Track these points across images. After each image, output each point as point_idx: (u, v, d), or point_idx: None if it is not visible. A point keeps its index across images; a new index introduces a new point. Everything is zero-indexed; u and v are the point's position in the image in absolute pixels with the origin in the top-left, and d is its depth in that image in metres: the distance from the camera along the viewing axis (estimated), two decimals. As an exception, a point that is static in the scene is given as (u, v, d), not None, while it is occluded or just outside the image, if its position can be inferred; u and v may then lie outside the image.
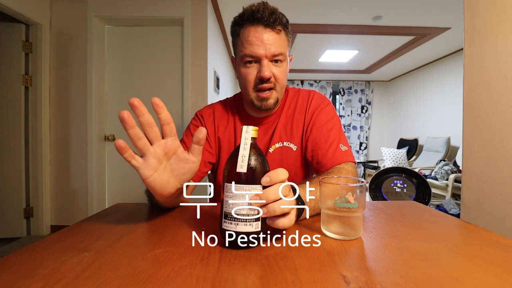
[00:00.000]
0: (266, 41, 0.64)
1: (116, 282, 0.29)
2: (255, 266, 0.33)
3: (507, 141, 0.96)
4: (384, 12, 2.62)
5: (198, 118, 0.81)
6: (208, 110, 0.82)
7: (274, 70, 0.67)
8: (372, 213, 0.55)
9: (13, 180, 2.08)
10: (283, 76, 0.69)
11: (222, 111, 0.81)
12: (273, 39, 0.64)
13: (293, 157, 0.76)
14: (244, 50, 0.65)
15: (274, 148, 0.75)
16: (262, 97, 0.69)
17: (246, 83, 0.69)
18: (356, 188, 0.40)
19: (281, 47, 0.66)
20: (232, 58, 0.76)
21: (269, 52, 0.64)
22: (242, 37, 0.66)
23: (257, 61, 0.66)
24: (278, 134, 0.76)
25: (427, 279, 0.29)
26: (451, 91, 3.85)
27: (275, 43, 0.65)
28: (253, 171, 0.38)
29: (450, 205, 2.35)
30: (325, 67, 4.74)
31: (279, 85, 0.69)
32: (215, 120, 0.79)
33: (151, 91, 2.27)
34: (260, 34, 0.64)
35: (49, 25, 2.15)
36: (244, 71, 0.68)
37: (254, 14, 0.63)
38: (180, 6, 2.14)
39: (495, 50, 1.00)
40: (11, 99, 2.06)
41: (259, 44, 0.64)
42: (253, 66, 0.67)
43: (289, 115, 0.78)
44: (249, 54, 0.65)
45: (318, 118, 0.75)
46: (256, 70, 0.67)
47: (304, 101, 0.78)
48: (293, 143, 0.76)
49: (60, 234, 0.43)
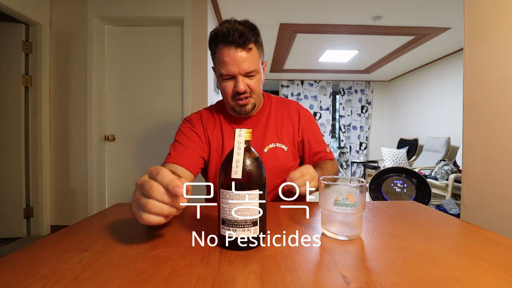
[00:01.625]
0: (238, 60, 0.72)
1: (116, 282, 0.29)
2: (255, 266, 0.33)
3: (507, 141, 0.96)
4: (384, 12, 2.62)
5: (187, 121, 0.89)
6: (195, 115, 0.91)
7: (248, 82, 0.77)
8: (372, 213, 0.55)
9: (13, 180, 2.08)
10: (257, 85, 0.79)
11: (208, 115, 0.90)
12: (245, 57, 0.73)
13: (285, 156, 0.86)
14: (220, 69, 0.75)
15: (268, 148, 0.85)
16: (240, 104, 0.79)
17: (225, 94, 0.79)
18: (356, 188, 0.40)
19: (252, 63, 0.74)
20: (213, 68, 0.83)
21: (242, 70, 0.73)
22: (218, 56, 0.75)
23: (233, 77, 0.76)
24: (269, 136, 0.86)
25: (427, 279, 0.29)
26: (451, 91, 3.85)
27: (247, 61, 0.73)
28: (248, 176, 0.37)
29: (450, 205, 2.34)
30: (325, 67, 4.74)
31: (255, 93, 0.79)
32: (203, 122, 0.87)
33: (151, 91, 2.27)
34: (233, 54, 0.72)
35: (49, 25, 2.15)
36: (223, 84, 0.78)
37: (226, 37, 0.71)
38: (180, 6, 2.14)
39: (495, 50, 1.00)
40: (11, 99, 2.06)
41: (233, 64, 0.73)
42: (230, 81, 0.77)
43: (278, 120, 0.90)
44: (226, 74, 0.75)
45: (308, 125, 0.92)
46: (233, 84, 0.76)
47: (295, 111, 0.92)
48: (283, 144, 0.87)
49: (60, 234, 0.43)
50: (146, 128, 2.28)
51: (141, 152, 2.30)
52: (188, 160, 0.78)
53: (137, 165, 2.30)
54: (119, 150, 2.31)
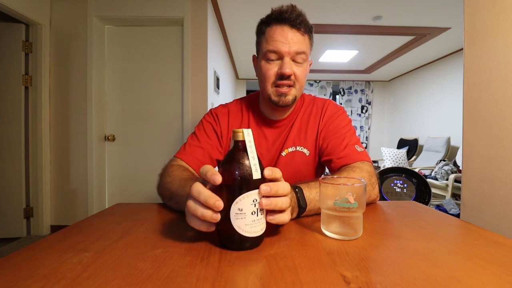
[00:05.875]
0: (290, 40, 0.65)
1: (116, 282, 0.29)
2: (255, 266, 0.33)
3: (507, 141, 0.96)
4: (384, 12, 2.62)
5: (212, 115, 0.81)
6: (223, 109, 0.82)
7: (295, 69, 0.68)
8: (372, 213, 0.55)
9: (13, 180, 2.08)
10: (303, 76, 0.71)
11: (236, 112, 0.81)
12: (297, 39, 0.66)
13: (305, 162, 0.77)
14: (267, 46, 0.67)
15: (286, 152, 0.77)
16: (280, 93, 0.69)
17: (265, 78, 0.70)
18: (356, 188, 0.40)
19: (304, 46, 0.67)
20: (254, 57, 0.78)
21: (292, 50, 0.66)
22: (267, 35, 0.68)
23: (279, 58, 0.68)
24: (291, 138, 0.77)
25: (427, 279, 0.29)
26: (451, 91, 3.85)
27: (299, 42, 0.66)
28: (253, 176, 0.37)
29: (450, 205, 2.34)
30: (325, 67, 4.74)
31: (299, 84, 0.70)
32: (229, 120, 0.79)
33: (151, 91, 2.27)
34: (286, 33, 0.65)
35: (49, 25, 2.15)
36: (265, 66, 0.69)
37: (282, 14, 0.66)
38: (180, 6, 2.14)
39: (495, 50, 1.00)
40: (11, 99, 2.06)
41: (283, 41, 0.65)
42: (274, 62, 0.68)
43: (304, 121, 0.79)
44: (272, 50, 0.66)
45: (333, 124, 0.76)
46: (277, 67, 0.68)
47: (319, 108, 0.80)
48: (306, 148, 0.77)
49: (60, 234, 0.43)
50: (146, 128, 2.28)
51: (141, 152, 2.30)
52: (199, 162, 0.73)
53: (137, 165, 2.30)
54: (119, 150, 2.31)
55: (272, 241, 0.40)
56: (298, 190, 0.50)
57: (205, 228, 0.38)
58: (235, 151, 0.39)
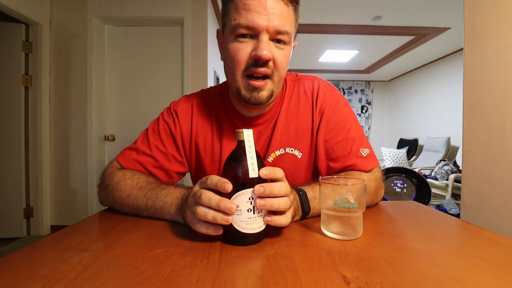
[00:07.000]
0: (270, 10, 0.47)
1: (116, 282, 0.29)
2: (255, 266, 0.33)
3: (507, 141, 0.96)
4: (384, 12, 2.62)
5: (171, 113, 0.63)
6: (185, 104, 0.63)
7: (275, 52, 0.50)
8: (372, 213, 0.55)
9: (13, 180, 2.08)
10: (285, 62, 0.52)
11: (203, 108, 0.63)
12: (280, 9, 0.47)
13: (299, 167, 0.61)
14: (238, 18, 0.48)
15: (274, 156, 0.60)
16: (253, 86, 0.51)
17: (234, 63, 0.51)
18: (356, 188, 0.40)
19: (288, 22, 0.49)
20: (218, 32, 0.57)
21: (272, 25, 0.47)
22: (236, 2, 0.48)
23: (254, 35, 0.49)
24: (277, 139, 0.60)
25: (427, 279, 0.29)
26: (451, 91, 3.85)
27: (282, 16, 0.48)
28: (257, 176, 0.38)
29: (450, 205, 2.34)
30: (325, 67, 4.74)
31: (278, 74, 0.52)
32: (193, 120, 0.62)
33: (151, 91, 2.27)
34: (264, 0, 0.47)
35: (49, 25, 2.15)
36: (234, 46, 0.50)
37: None
38: (180, 6, 2.14)
39: (495, 50, 1.00)
40: (11, 99, 2.06)
41: (260, 12, 0.46)
42: (247, 41, 0.49)
43: (291, 114, 0.61)
44: (245, 24, 0.47)
45: (330, 117, 0.60)
46: (251, 48, 0.49)
47: (309, 94, 0.62)
48: (297, 149, 0.60)
49: (60, 234, 0.43)
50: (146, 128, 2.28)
51: (141, 152, 2.30)
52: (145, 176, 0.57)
53: (137, 165, 2.30)
54: (119, 150, 2.30)
55: (272, 241, 0.40)
56: (302, 193, 0.47)
57: (213, 231, 0.38)
58: (236, 151, 0.40)
